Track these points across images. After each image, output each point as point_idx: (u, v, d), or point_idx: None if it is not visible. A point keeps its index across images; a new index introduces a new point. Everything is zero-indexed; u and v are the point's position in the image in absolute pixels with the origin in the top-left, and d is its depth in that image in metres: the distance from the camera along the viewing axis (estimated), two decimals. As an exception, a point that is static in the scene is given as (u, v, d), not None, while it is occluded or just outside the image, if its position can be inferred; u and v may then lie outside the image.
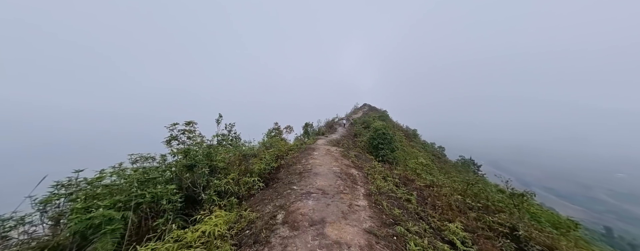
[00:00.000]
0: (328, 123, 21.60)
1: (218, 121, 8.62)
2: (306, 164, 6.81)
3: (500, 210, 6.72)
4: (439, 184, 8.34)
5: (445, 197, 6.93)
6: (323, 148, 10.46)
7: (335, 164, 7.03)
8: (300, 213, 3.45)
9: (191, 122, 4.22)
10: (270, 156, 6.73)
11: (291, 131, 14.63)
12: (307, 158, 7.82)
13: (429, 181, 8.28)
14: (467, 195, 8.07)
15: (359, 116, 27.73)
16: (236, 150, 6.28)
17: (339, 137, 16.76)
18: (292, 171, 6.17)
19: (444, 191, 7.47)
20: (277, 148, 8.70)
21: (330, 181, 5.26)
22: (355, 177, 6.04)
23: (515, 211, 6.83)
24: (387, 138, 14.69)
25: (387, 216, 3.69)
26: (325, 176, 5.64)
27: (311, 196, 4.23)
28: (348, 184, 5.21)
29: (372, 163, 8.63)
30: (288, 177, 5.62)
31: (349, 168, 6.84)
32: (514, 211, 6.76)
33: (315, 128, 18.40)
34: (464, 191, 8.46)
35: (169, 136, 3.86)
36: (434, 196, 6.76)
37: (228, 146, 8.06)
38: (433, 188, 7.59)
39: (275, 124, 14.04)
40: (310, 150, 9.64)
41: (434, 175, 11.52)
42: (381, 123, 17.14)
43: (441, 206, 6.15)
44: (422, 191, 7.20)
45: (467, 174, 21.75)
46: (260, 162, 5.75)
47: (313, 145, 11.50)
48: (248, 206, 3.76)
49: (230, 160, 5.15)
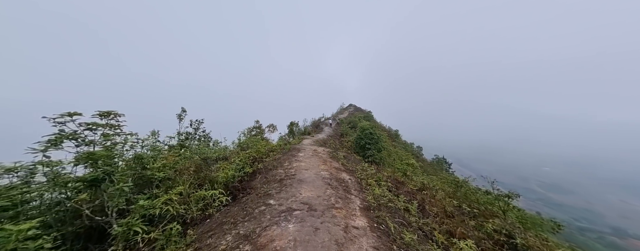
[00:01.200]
0: (314, 123, 20.46)
1: (180, 117, 6.91)
2: (289, 169, 5.56)
3: (493, 215, 6.30)
4: (430, 186, 7.77)
5: (440, 202, 6.31)
6: (309, 148, 9.27)
7: (323, 167, 5.91)
8: (275, 248, 2.23)
9: (111, 114, 2.61)
10: (244, 159, 5.34)
11: (274, 130, 13.15)
12: (291, 160, 6.57)
13: (420, 184, 7.65)
14: (457, 197, 7.63)
15: (345, 116, 27.08)
16: (196, 152, 4.74)
17: (325, 137, 15.70)
18: (272, 178, 4.88)
19: (439, 196, 6.86)
20: (256, 148, 7.28)
21: (318, 191, 4.10)
22: (348, 183, 4.97)
23: (504, 214, 6.50)
24: (374, 138, 14.03)
25: (398, 246, 2.64)
26: (312, 184, 4.46)
27: (293, 216, 3.03)
28: (340, 194, 4.12)
29: (362, 165, 7.69)
30: (265, 186, 4.33)
31: (339, 172, 5.76)
32: (504, 215, 6.42)
33: (301, 128, 17.10)
34: (453, 194, 8.01)
35: (57, 133, 2.22)
36: (429, 202, 6.05)
37: (194, 147, 6.43)
38: (426, 192, 6.94)
39: (257, 122, 12.47)
40: (295, 151, 8.38)
41: (420, 176, 11.12)
42: (368, 123, 16.54)
43: (438, 212, 5.45)
44: (414, 195, 6.47)
45: (442, 173, 22.47)
46: (229, 168, 4.36)
47: (298, 145, 10.24)
48: (195, 238, 2.42)
49: (181, 167, 3.69)
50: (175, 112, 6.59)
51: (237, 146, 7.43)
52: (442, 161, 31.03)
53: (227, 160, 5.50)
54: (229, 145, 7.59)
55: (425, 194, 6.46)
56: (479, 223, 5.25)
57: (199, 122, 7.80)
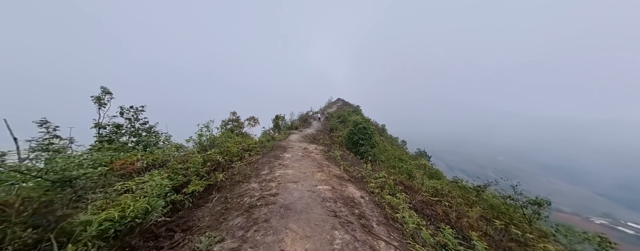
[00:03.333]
0: (302, 117, 18.20)
1: (100, 100, 4.26)
2: (269, 181, 3.42)
3: (525, 231, 4.92)
4: (444, 193, 6.24)
5: (468, 218, 4.78)
6: (298, 145, 7.13)
7: (319, 176, 3.87)
8: None
9: None
10: (194, 165, 3.07)
11: (256, 123, 10.67)
12: (274, 164, 4.42)
13: (432, 190, 6.06)
14: (473, 204, 6.13)
15: (333, 111, 25.20)
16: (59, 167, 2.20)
17: (314, 132, 13.62)
18: (235, 202, 2.72)
19: (461, 208, 5.33)
20: (224, 148, 4.95)
21: (319, 235, 2.05)
22: (362, 208, 3.00)
23: (529, 224, 5.17)
24: (368, 133, 12.36)
25: None
26: (306, 216, 2.39)
27: None
28: (360, 237, 2.14)
29: (365, 167, 5.80)
30: (217, 224, 2.18)
31: (343, 184, 3.76)
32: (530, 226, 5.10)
33: (287, 122, 14.76)
34: (472, 201, 6.40)
35: None
36: (457, 218, 4.48)
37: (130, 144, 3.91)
38: (444, 202, 5.38)
39: (233, 114, 9.88)
40: (281, 150, 6.18)
41: (415, 175, 9.63)
42: (361, 117, 14.86)
43: (479, 237, 3.81)
44: (433, 207, 4.86)
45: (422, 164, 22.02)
46: (147, 189, 2.11)
47: (284, 142, 8.01)
48: None
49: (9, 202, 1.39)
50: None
51: (198, 144, 5.00)
52: (423, 154, 31.23)
53: (163, 167, 3.17)
54: (186, 143, 5.08)
55: (447, 207, 4.86)
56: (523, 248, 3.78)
57: (138, 110, 5.12)
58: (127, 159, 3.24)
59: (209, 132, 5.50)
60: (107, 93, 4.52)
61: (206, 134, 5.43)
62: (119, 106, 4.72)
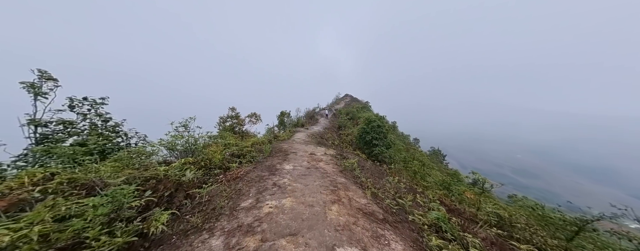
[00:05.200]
0: (309, 113, 16.63)
1: (34, 88, 2.93)
2: (244, 234, 1.88)
3: None
4: (513, 219, 3.96)
5: None
6: (303, 149, 5.55)
7: (336, 212, 2.21)
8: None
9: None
10: (124, 195, 1.60)
11: (258, 120, 9.23)
12: (265, 185, 2.88)
13: (494, 216, 3.98)
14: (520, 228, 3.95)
15: (341, 107, 23.32)
16: None
17: (321, 129, 12.00)
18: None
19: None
20: (202, 156, 3.50)
21: None
22: None
23: None
24: (383, 132, 10.50)
25: None
26: None
27: None
28: None
29: (392, 182, 4.05)
30: None
31: (379, 238, 2.08)
32: None
33: (293, 118, 13.27)
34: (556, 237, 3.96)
35: None
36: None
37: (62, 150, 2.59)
38: (522, 243, 3.46)
39: (232, 110, 8.49)
40: (280, 157, 4.65)
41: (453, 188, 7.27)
42: (373, 114, 12.99)
43: None
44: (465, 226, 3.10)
45: (439, 165, 19.60)
46: None
47: (287, 145, 6.47)
48: None
49: None
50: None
51: (170, 143, 3.59)
52: (437, 153, 28.58)
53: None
54: (160, 146, 3.67)
55: (481, 227, 2.99)
56: None
57: (97, 103, 3.77)
58: (21, 178, 1.87)
59: (188, 133, 4.08)
60: (48, 79, 3.20)
61: (185, 135, 4.03)
62: (67, 98, 3.41)
